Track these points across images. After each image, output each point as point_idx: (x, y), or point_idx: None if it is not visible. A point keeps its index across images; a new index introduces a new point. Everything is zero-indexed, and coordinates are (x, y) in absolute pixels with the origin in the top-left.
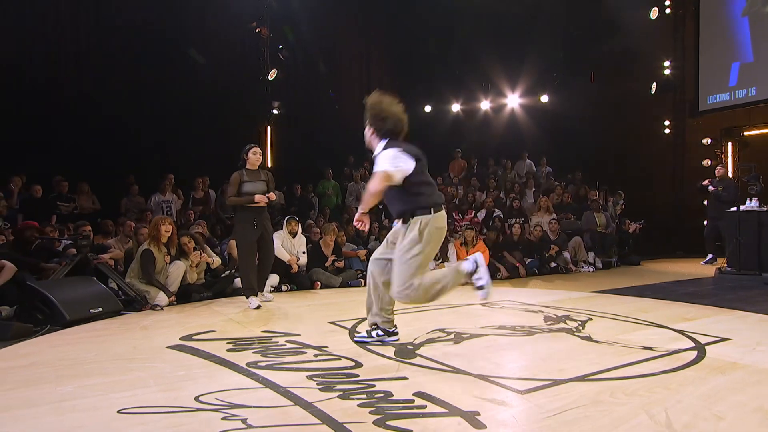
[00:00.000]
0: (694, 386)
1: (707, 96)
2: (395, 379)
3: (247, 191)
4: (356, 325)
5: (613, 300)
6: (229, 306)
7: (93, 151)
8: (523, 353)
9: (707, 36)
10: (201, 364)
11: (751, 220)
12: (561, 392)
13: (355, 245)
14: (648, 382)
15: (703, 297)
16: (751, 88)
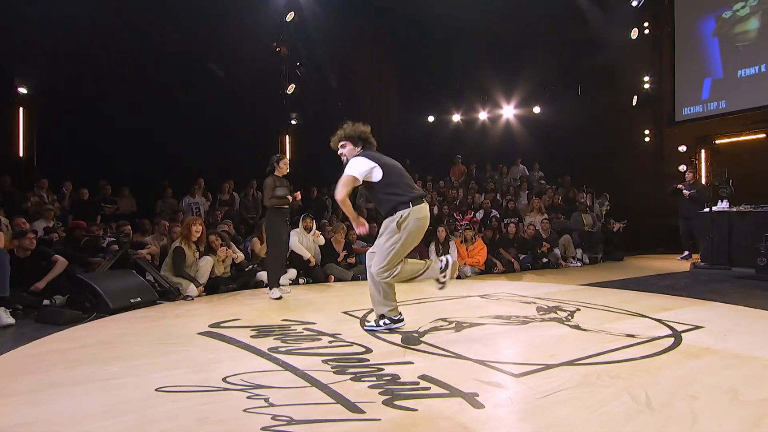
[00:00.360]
0: (672, 370)
1: (682, 108)
2: (402, 364)
3: (279, 195)
4: (366, 314)
5: (599, 292)
6: (252, 297)
7: (132, 159)
8: (517, 340)
9: (682, 54)
10: (228, 349)
11: (722, 220)
12: (552, 375)
13: (364, 242)
14: (630, 366)
15: (679, 289)
16: (722, 101)
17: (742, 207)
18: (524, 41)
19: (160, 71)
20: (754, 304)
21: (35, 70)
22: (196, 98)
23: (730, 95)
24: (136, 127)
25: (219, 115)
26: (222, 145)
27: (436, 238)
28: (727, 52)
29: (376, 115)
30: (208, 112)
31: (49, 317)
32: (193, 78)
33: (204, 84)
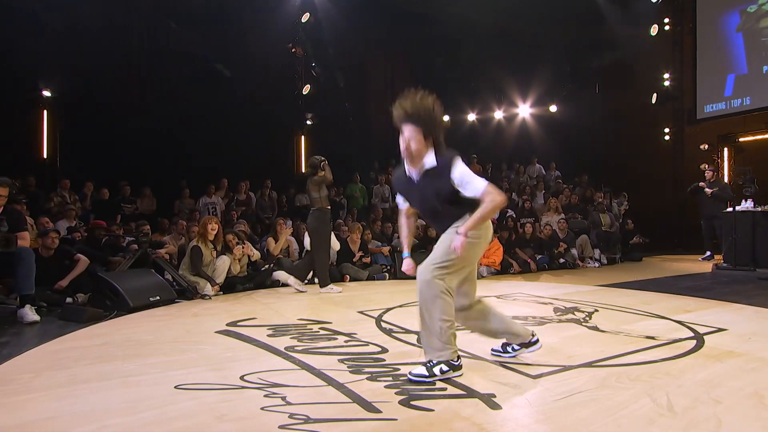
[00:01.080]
0: (694, 372)
1: (704, 105)
2: (418, 364)
3: (324, 195)
4: (382, 314)
5: (618, 293)
6: (268, 296)
7: (152, 159)
8: None
9: (704, 50)
10: (245, 347)
11: (746, 220)
12: (570, 377)
13: (379, 242)
14: (651, 368)
15: (701, 291)
16: (746, 97)
17: (766, 207)
18: (540, 39)
19: (178, 73)
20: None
21: (58, 74)
22: (213, 99)
23: (755, 92)
24: (155, 128)
25: (235, 115)
26: (238, 145)
27: None
28: (753, 47)
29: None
30: (225, 113)
31: (72, 315)
32: (211, 79)
33: (221, 85)
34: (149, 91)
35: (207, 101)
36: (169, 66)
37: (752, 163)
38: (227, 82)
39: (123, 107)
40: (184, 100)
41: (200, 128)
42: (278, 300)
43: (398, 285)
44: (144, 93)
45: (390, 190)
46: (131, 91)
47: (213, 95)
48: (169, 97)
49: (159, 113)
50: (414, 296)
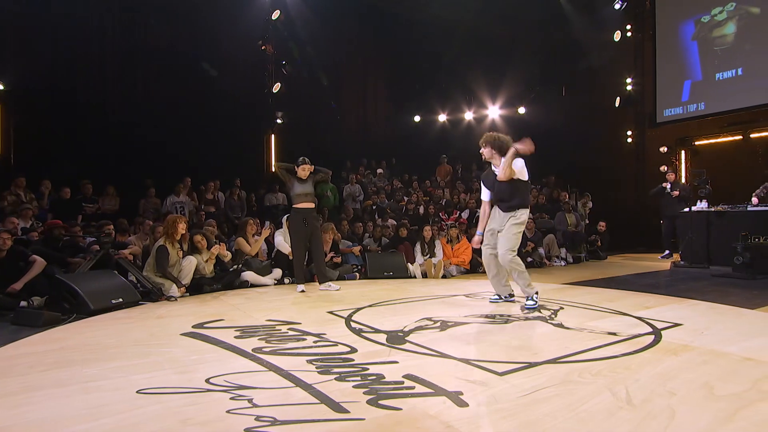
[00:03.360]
0: (651, 366)
1: (664, 109)
2: (387, 363)
3: (298, 193)
4: (352, 314)
5: (582, 291)
6: (236, 297)
7: (115, 157)
8: (501, 339)
9: (663, 57)
10: (211, 350)
11: (701, 220)
12: (535, 373)
13: (350, 242)
14: (611, 363)
15: (660, 287)
16: (701, 103)
17: (719, 207)
18: (510, 42)
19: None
20: (730, 302)
21: (11, 65)
22: (180, 96)
23: (709, 97)
24: (119, 124)
25: (203, 113)
26: (206, 143)
27: (422, 237)
28: (706, 56)
29: (363, 115)
30: (193, 110)
31: (27, 319)
32: (178, 75)
33: (188, 81)
34: (113, 85)
35: (174, 97)
36: (136, 60)
37: (706, 165)
38: (196, 78)
39: (85, 101)
40: (151, 96)
41: (167, 125)
42: (246, 301)
43: (369, 285)
44: (108, 87)
45: (360, 189)
46: (94, 85)
47: (181, 91)
48: (135, 92)
49: (124, 108)
50: (384, 296)
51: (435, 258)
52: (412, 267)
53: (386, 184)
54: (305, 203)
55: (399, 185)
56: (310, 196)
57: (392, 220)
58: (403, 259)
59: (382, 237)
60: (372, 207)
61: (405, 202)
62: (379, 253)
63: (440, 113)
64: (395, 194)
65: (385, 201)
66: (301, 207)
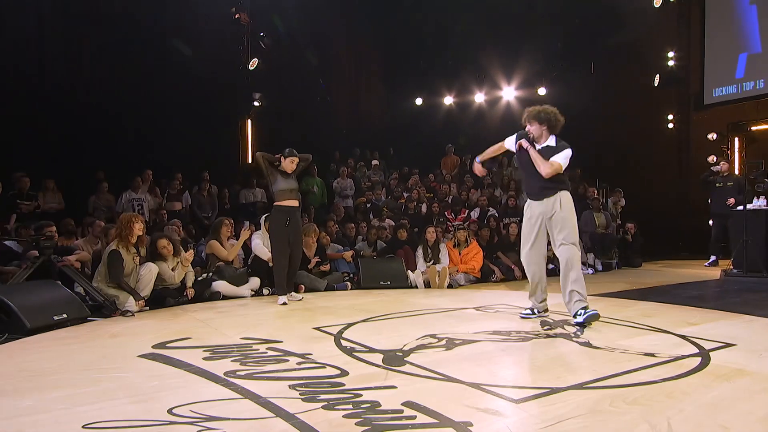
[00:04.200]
0: (698, 394)
1: (713, 88)
2: (383, 388)
3: (282, 188)
4: (343, 330)
5: (614, 303)
6: (206, 311)
7: (58, 145)
8: (518, 360)
9: (713, 25)
10: (175, 374)
11: (759, 220)
12: (558, 401)
13: (341, 246)
14: (649, 390)
15: (707, 300)
16: (759, 80)
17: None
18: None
19: (91, 39)
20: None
21: None
22: (138, 73)
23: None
24: (63, 108)
25: (166, 94)
26: (170, 129)
27: (425, 240)
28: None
29: (354, 97)
30: (153, 91)
31: None
32: (134, 49)
33: (147, 56)
34: (56, 61)
35: (131, 75)
36: (81, 29)
37: (765, 154)
38: (157, 52)
39: (19, 80)
40: (102, 74)
41: (122, 108)
42: (218, 316)
43: (362, 296)
44: (49, 63)
45: (352, 184)
46: (31, 61)
47: (139, 68)
48: (83, 69)
49: (68, 88)
50: (380, 309)
51: (439, 265)
52: (413, 275)
53: (382, 178)
54: (290, 200)
55: (397, 179)
56: (295, 193)
57: (389, 221)
58: (402, 265)
59: (378, 240)
60: (366, 205)
61: (404, 199)
62: (374, 259)
63: (446, 95)
64: (393, 190)
65: (381, 198)
66: (285, 205)
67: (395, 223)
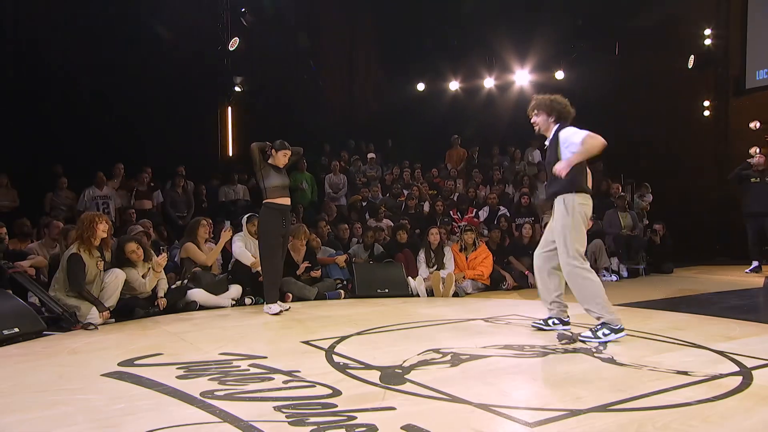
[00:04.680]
0: (739, 419)
1: (756, 71)
2: (380, 410)
3: (275, 185)
4: (335, 344)
5: (641, 314)
6: (181, 323)
7: (11, 136)
8: (532, 378)
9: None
10: (144, 395)
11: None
12: (578, 425)
13: (333, 249)
14: (683, 413)
15: (748, 311)
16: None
17: None
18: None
19: (50, 17)
20: None
21: None
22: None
23: None
24: (16, 93)
25: (136, 78)
26: (140, 119)
27: (428, 243)
28: None
29: (348, 81)
30: (121, 74)
31: None
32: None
33: (114, 36)
34: (10, 42)
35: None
36: (38, 6)
37: None
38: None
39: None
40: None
41: (85, 94)
42: (194, 329)
43: (357, 305)
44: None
45: (346, 180)
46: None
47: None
48: (39, 49)
49: (23, 71)
50: (377, 321)
51: (444, 270)
52: (414, 282)
53: (380, 173)
54: (284, 198)
55: (396, 175)
56: (288, 190)
57: (388, 221)
58: (402, 271)
59: (375, 243)
60: (361, 204)
61: (404, 197)
62: (370, 265)
63: (451, 80)
64: (392, 187)
65: (379, 196)
66: (278, 203)
67: (394, 223)
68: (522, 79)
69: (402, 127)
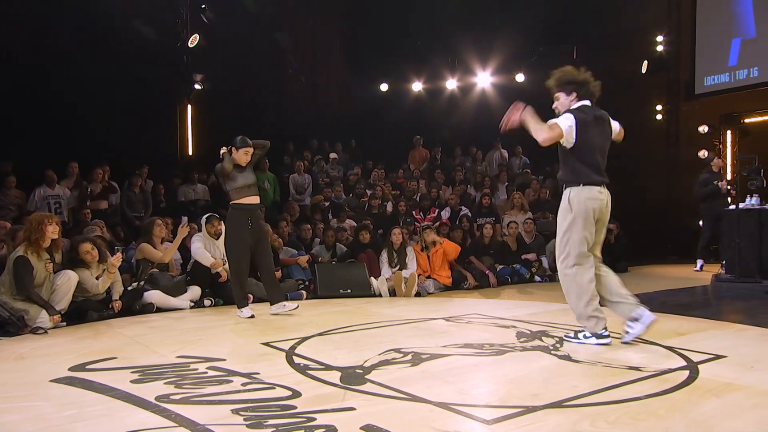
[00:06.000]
0: (685, 411)
1: (704, 76)
2: (340, 410)
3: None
4: (296, 345)
5: None
6: (137, 326)
7: None
8: (491, 376)
9: (706, 6)
10: (96, 401)
11: (751, 221)
12: (534, 421)
13: (294, 249)
14: (634, 407)
15: (696, 308)
16: (753, 68)
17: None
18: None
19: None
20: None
21: None
22: (56, 49)
23: (765, 60)
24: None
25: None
26: (94, 115)
27: (390, 243)
28: (762, 6)
29: (311, 81)
30: (74, 70)
31: None
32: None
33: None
34: None
35: (48, 52)
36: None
37: (759, 149)
38: (78, 25)
39: None
40: (12, 48)
41: (35, 88)
42: (151, 331)
43: (318, 306)
44: None
45: (309, 180)
46: None
47: (58, 44)
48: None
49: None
50: (339, 321)
51: (406, 270)
52: (377, 282)
53: (343, 173)
54: (250, 197)
55: (360, 175)
56: (254, 188)
57: (351, 221)
58: (364, 271)
59: (337, 243)
60: (324, 204)
61: (367, 197)
62: (333, 265)
63: (414, 81)
64: (355, 187)
65: (342, 196)
66: (246, 203)
67: (357, 224)
68: (484, 81)
69: (365, 127)
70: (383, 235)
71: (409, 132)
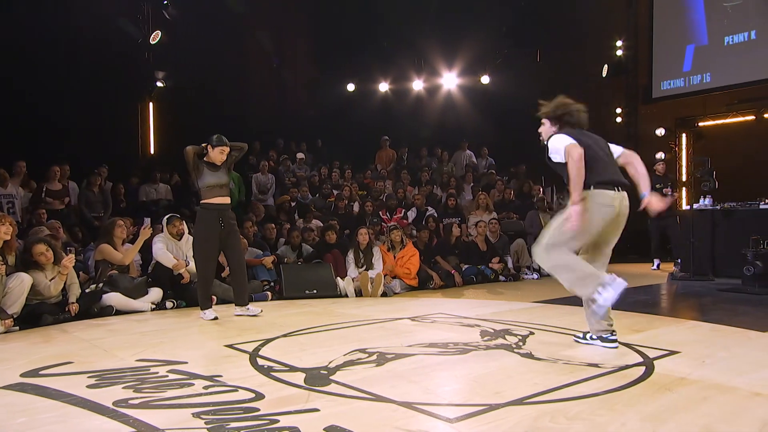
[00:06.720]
0: (641, 406)
1: (661, 81)
2: (303, 412)
3: (211, 184)
4: (260, 347)
5: (558, 311)
6: (95, 329)
7: None
8: (455, 375)
9: (662, 13)
10: (49, 407)
11: (704, 221)
12: (497, 418)
13: (259, 250)
14: (592, 403)
15: (653, 306)
16: (706, 73)
17: (727, 204)
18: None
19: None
20: (737, 323)
21: None
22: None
23: (716, 67)
24: None
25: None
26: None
27: (356, 243)
28: (714, 14)
29: (278, 81)
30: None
31: None
32: (6, 15)
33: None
34: None
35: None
36: None
37: (711, 151)
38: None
39: None
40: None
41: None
42: (109, 334)
43: (283, 307)
44: None
45: (274, 180)
46: None
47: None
48: None
49: None
50: (304, 322)
51: (373, 271)
52: (343, 283)
53: (309, 173)
54: (220, 197)
55: (326, 175)
56: (226, 189)
57: (317, 221)
58: (330, 272)
59: (303, 244)
60: (290, 204)
61: (334, 197)
62: (298, 265)
63: (381, 81)
64: (321, 187)
65: (308, 196)
66: (214, 203)
67: (323, 224)
68: (450, 83)
69: (332, 127)
70: (350, 236)
71: (376, 132)
